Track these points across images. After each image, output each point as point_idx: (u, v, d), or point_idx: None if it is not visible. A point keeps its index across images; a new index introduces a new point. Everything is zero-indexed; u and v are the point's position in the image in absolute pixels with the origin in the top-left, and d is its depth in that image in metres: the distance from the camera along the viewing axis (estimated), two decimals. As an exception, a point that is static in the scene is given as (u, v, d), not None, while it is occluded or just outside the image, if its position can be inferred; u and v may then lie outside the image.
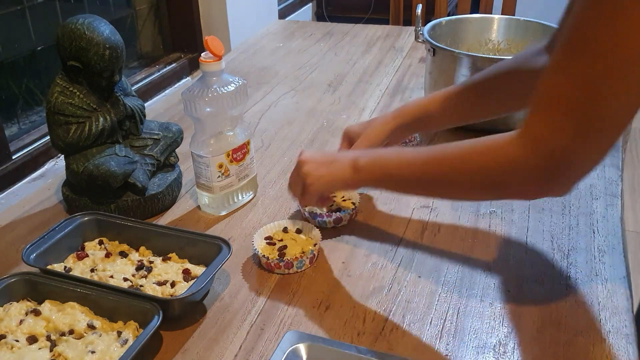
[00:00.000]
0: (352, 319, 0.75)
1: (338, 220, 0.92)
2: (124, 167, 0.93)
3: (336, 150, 0.99)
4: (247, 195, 1.00)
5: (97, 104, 0.94)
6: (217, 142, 0.92)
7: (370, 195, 1.00)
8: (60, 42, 0.90)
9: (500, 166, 0.64)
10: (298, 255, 0.83)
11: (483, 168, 0.66)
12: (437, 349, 0.70)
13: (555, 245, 0.87)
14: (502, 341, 0.71)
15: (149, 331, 0.67)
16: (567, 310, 0.75)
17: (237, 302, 0.79)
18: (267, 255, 0.83)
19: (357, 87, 1.45)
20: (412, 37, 1.80)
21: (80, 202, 0.96)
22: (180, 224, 0.95)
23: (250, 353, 0.71)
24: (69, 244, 0.84)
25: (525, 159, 0.61)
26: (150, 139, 1.01)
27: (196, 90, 0.90)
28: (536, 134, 0.60)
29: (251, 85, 1.48)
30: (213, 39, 0.88)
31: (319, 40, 1.82)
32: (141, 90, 1.80)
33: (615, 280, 0.80)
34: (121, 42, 0.93)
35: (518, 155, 0.61)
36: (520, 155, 0.61)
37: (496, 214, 0.94)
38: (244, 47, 1.79)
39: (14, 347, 0.68)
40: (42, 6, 1.55)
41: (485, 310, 0.76)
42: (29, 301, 0.76)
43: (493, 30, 1.33)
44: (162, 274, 0.79)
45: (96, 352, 0.67)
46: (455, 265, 0.84)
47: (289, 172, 1.09)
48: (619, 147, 1.12)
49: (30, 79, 1.55)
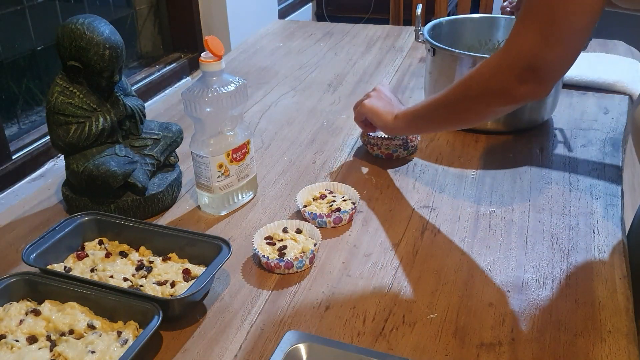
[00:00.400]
0: (352, 319, 0.75)
1: (338, 220, 0.92)
2: (124, 167, 0.93)
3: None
4: (247, 195, 1.01)
5: (97, 104, 0.94)
6: (217, 142, 0.92)
7: (370, 195, 1.00)
8: (60, 42, 0.90)
9: (490, 72, 0.80)
10: (298, 255, 0.83)
11: (480, 80, 0.82)
12: (437, 349, 0.70)
13: (556, 245, 0.87)
14: (502, 341, 0.71)
15: (149, 331, 0.67)
16: (567, 310, 0.75)
17: (237, 302, 0.79)
18: (267, 255, 0.83)
19: (357, 87, 1.45)
20: (412, 37, 1.80)
21: (80, 202, 0.96)
22: (180, 224, 0.95)
23: (250, 353, 0.71)
24: (69, 244, 0.84)
25: (502, 63, 0.78)
26: (150, 139, 1.01)
27: (196, 90, 0.90)
28: (511, 42, 0.77)
29: (251, 85, 1.48)
30: (213, 38, 0.88)
31: (319, 40, 1.82)
32: (141, 90, 1.80)
33: (615, 280, 0.80)
34: (121, 42, 0.93)
35: (498, 61, 0.79)
36: (499, 60, 0.79)
37: (496, 214, 0.94)
38: (244, 47, 1.79)
39: (14, 347, 0.69)
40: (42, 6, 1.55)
41: (485, 310, 0.76)
42: (29, 301, 0.76)
43: (493, 30, 1.33)
44: (162, 274, 0.79)
45: (96, 352, 0.67)
46: (455, 265, 0.84)
47: (289, 172, 1.09)
48: (619, 146, 1.12)
49: (30, 79, 1.55)
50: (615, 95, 1.33)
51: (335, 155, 1.14)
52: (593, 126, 1.20)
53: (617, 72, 1.37)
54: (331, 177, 1.07)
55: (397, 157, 1.11)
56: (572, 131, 1.19)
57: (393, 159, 1.11)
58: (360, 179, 1.06)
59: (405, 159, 1.10)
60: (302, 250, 0.85)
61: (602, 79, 1.34)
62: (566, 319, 0.74)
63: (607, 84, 1.34)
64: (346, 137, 1.21)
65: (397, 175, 1.06)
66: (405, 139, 1.09)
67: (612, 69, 1.39)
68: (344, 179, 1.06)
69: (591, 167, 1.06)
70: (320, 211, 0.93)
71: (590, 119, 1.23)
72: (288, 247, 0.85)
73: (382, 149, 1.10)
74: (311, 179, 1.06)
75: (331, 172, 1.09)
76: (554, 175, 1.04)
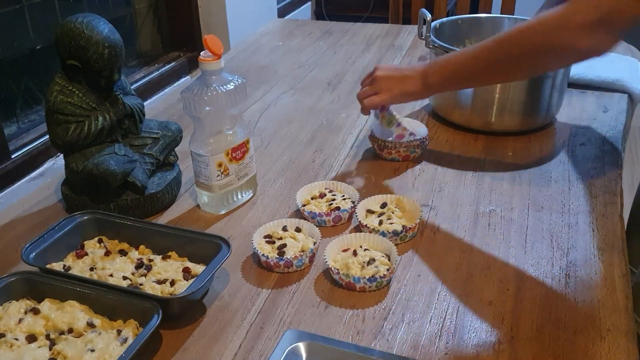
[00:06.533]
0: (352, 317, 0.75)
1: (337, 219, 0.92)
2: (123, 166, 0.93)
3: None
4: (246, 194, 1.00)
5: (97, 103, 0.94)
6: (217, 141, 0.92)
7: (369, 193, 1.00)
8: (60, 41, 0.90)
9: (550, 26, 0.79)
10: (297, 254, 0.83)
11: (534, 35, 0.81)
12: (437, 347, 0.70)
13: (555, 244, 0.87)
14: (502, 340, 0.71)
15: (148, 330, 0.67)
16: (567, 308, 0.75)
17: (237, 300, 0.79)
18: (267, 254, 0.83)
19: (356, 86, 1.45)
20: (412, 35, 1.80)
21: (80, 201, 0.96)
22: (179, 223, 0.95)
23: (249, 352, 0.71)
24: (68, 242, 0.84)
25: (568, 16, 0.77)
26: (150, 138, 1.01)
27: (195, 89, 0.90)
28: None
29: (250, 84, 1.47)
30: (212, 37, 0.88)
31: (318, 38, 1.82)
32: (140, 89, 1.80)
33: (614, 279, 0.80)
34: (120, 41, 0.93)
35: (561, 14, 0.77)
36: (563, 14, 0.77)
37: (495, 212, 0.94)
38: (243, 46, 1.79)
39: (14, 346, 0.68)
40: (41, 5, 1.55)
41: (484, 308, 0.76)
42: (29, 300, 0.76)
43: (494, 30, 1.32)
44: (161, 273, 0.79)
45: (96, 351, 0.67)
46: (454, 264, 0.84)
47: (288, 170, 1.09)
48: (618, 145, 1.12)
49: (30, 78, 1.55)
50: (615, 93, 1.33)
51: (335, 154, 1.14)
52: (592, 125, 1.20)
53: (616, 71, 1.37)
54: (330, 175, 1.07)
55: (413, 158, 1.10)
56: (571, 129, 1.19)
57: (410, 160, 1.10)
58: (359, 177, 1.06)
59: (406, 156, 1.10)
60: (302, 249, 0.85)
61: (601, 77, 1.34)
62: (565, 317, 0.74)
63: (606, 83, 1.34)
64: (346, 135, 1.21)
65: (397, 174, 1.06)
66: (422, 139, 1.09)
67: (611, 67, 1.39)
68: (344, 178, 1.06)
69: (590, 166, 1.06)
70: (320, 210, 0.93)
71: (589, 118, 1.23)
72: (287, 245, 0.85)
73: (401, 151, 1.09)
74: (310, 178, 1.06)
75: (330, 171, 1.09)
76: (553, 173, 1.04)
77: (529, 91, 1.13)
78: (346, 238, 0.85)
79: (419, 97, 1.03)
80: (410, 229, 0.88)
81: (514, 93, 1.13)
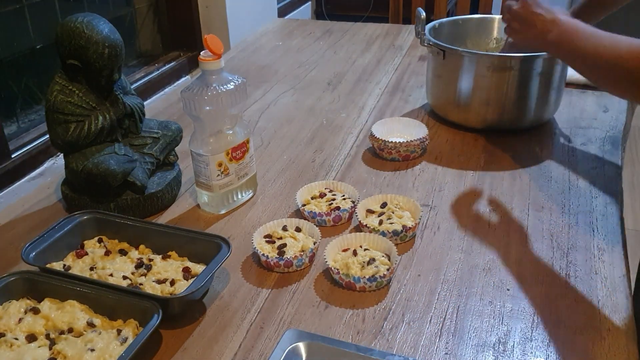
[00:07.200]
0: (352, 317, 0.75)
1: (337, 218, 0.92)
2: (123, 166, 0.93)
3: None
4: (246, 194, 1.00)
5: (97, 103, 0.94)
6: (217, 141, 0.92)
7: (369, 193, 1.00)
8: (60, 41, 0.90)
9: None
10: (297, 254, 0.83)
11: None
12: (437, 347, 0.70)
13: (555, 244, 0.87)
14: (502, 339, 0.71)
15: (148, 329, 0.67)
16: (567, 308, 0.75)
17: (237, 300, 0.79)
18: (267, 253, 0.83)
19: (356, 86, 1.45)
20: (412, 35, 1.80)
21: (80, 201, 0.95)
22: (179, 223, 0.95)
23: (249, 351, 0.71)
24: (68, 242, 0.84)
25: None
26: (150, 138, 1.01)
27: (195, 88, 0.90)
28: None
29: (250, 83, 1.47)
30: (212, 37, 0.88)
31: (318, 38, 1.82)
32: (140, 89, 1.80)
33: (614, 279, 0.80)
34: (120, 41, 0.93)
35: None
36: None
37: (496, 212, 0.94)
38: (244, 46, 1.79)
39: (14, 345, 0.68)
40: (41, 4, 1.54)
41: (484, 308, 0.76)
42: (29, 299, 0.76)
43: (494, 30, 1.32)
44: (161, 272, 0.79)
45: (95, 350, 0.67)
46: (454, 264, 0.84)
47: (288, 170, 1.09)
48: (619, 144, 1.12)
49: (30, 78, 1.54)
50: (615, 93, 1.33)
51: (335, 154, 1.14)
52: (592, 124, 1.20)
53: (616, 71, 1.36)
54: (331, 175, 1.07)
55: (413, 158, 1.10)
56: (571, 129, 1.19)
57: (410, 160, 1.10)
58: (359, 177, 1.06)
59: (406, 156, 1.10)
60: (302, 248, 0.85)
61: (601, 77, 1.34)
62: (566, 317, 0.74)
63: (606, 83, 1.34)
64: (346, 135, 1.21)
65: (397, 174, 1.06)
66: (422, 139, 1.08)
67: (611, 67, 1.38)
68: (344, 178, 1.06)
69: (590, 166, 1.06)
70: (320, 210, 0.93)
71: (589, 117, 1.23)
72: (287, 245, 0.85)
73: (401, 151, 1.09)
74: (310, 178, 1.06)
75: (330, 171, 1.09)
76: (553, 173, 1.04)
77: (523, 89, 1.13)
78: (346, 238, 0.85)
79: (535, 44, 0.99)
80: (410, 229, 0.88)
81: (509, 91, 1.12)
